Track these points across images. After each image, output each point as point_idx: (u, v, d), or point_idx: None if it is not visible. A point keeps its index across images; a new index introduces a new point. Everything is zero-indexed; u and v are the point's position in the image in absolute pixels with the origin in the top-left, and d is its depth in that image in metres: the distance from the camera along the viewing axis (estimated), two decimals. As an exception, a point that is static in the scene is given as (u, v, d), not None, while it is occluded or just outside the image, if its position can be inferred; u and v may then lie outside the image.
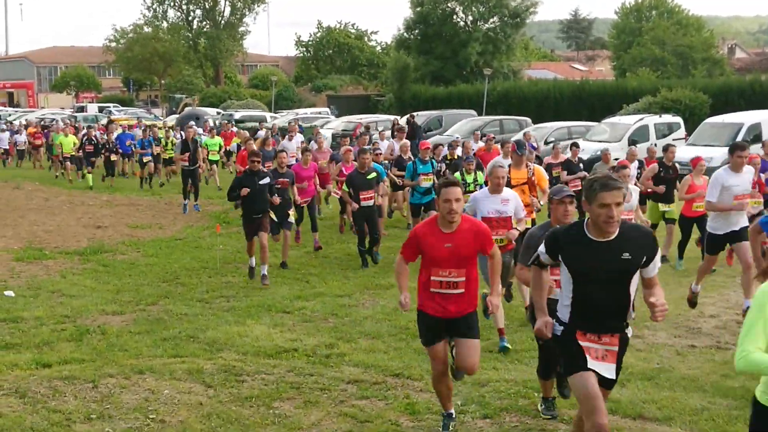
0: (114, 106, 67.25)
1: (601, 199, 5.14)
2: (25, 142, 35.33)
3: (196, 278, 13.21)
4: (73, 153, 28.09)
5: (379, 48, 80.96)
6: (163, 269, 13.93)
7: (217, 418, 7.16)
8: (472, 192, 12.20)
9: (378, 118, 42.33)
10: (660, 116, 31.16)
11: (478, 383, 7.85)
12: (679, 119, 31.10)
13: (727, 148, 11.33)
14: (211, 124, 38.54)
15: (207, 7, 79.50)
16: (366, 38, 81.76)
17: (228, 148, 28.38)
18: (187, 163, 20.66)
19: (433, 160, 16.03)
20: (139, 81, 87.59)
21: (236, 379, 8.18)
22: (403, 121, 32.35)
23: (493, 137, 20.57)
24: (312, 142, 21.87)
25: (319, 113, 49.34)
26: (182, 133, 25.21)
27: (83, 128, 34.67)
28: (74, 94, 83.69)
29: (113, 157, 26.94)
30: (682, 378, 8.21)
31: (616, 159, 15.82)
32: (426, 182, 15.42)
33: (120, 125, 33.09)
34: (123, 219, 19.70)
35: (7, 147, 35.80)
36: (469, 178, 14.21)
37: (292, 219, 14.16)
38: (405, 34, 60.87)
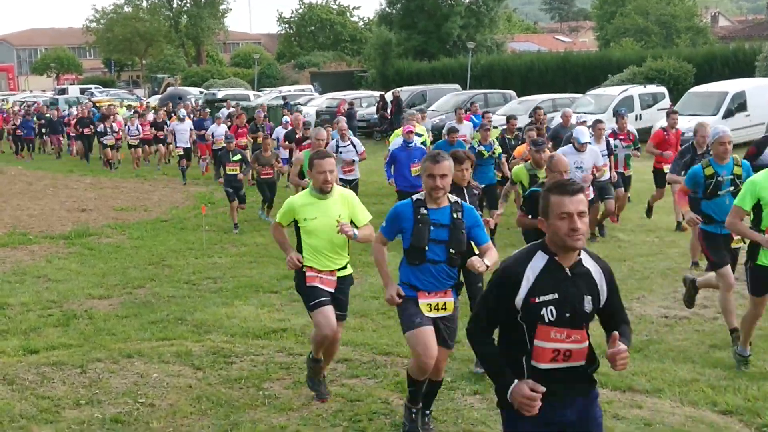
0: (96, 88, 66.69)
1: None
2: (225, 136, 19.89)
3: (182, 260, 13.15)
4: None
5: (361, 23, 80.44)
6: (149, 252, 13.87)
7: (207, 401, 7.13)
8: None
9: (362, 95, 42.15)
10: (645, 87, 31.16)
11: (468, 359, 7.83)
12: (663, 89, 31.10)
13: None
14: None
15: (187, -15, 78.85)
16: (348, 14, 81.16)
17: None
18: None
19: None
20: (121, 62, 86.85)
21: (225, 360, 8.15)
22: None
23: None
24: None
25: (303, 90, 49.03)
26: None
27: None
28: (55, 76, 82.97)
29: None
30: (670, 349, 8.24)
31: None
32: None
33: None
34: (107, 202, 19.59)
35: (188, 145, 23.98)
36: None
37: None
38: (387, 8, 60.39)
